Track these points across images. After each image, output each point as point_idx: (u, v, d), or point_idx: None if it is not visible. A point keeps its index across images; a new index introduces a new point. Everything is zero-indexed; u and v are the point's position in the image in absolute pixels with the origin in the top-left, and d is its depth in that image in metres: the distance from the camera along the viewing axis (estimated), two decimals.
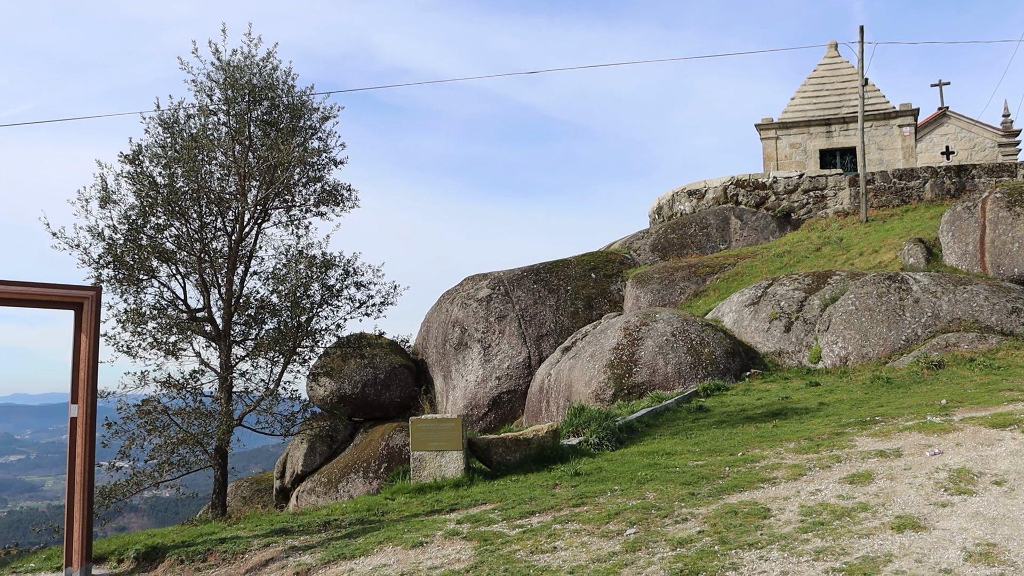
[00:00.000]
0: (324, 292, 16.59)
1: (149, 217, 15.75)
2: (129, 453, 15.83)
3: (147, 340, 15.94)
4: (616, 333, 19.31)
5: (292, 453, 23.81)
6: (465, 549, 8.06)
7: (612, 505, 8.89)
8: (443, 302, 26.60)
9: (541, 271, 26.51)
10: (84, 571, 9.70)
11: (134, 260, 15.51)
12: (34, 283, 9.76)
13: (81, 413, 9.78)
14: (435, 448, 11.93)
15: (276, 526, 10.87)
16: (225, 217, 16.52)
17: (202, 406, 15.98)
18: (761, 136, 35.75)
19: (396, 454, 21.58)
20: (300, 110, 16.78)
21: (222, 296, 16.19)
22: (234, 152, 16.30)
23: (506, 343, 24.43)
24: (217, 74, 16.60)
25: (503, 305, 25.13)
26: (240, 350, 16.39)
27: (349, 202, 17.35)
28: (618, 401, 17.47)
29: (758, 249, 27.17)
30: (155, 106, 16.56)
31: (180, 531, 12.06)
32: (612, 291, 26.38)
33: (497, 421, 23.33)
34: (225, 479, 16.20)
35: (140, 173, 15.89)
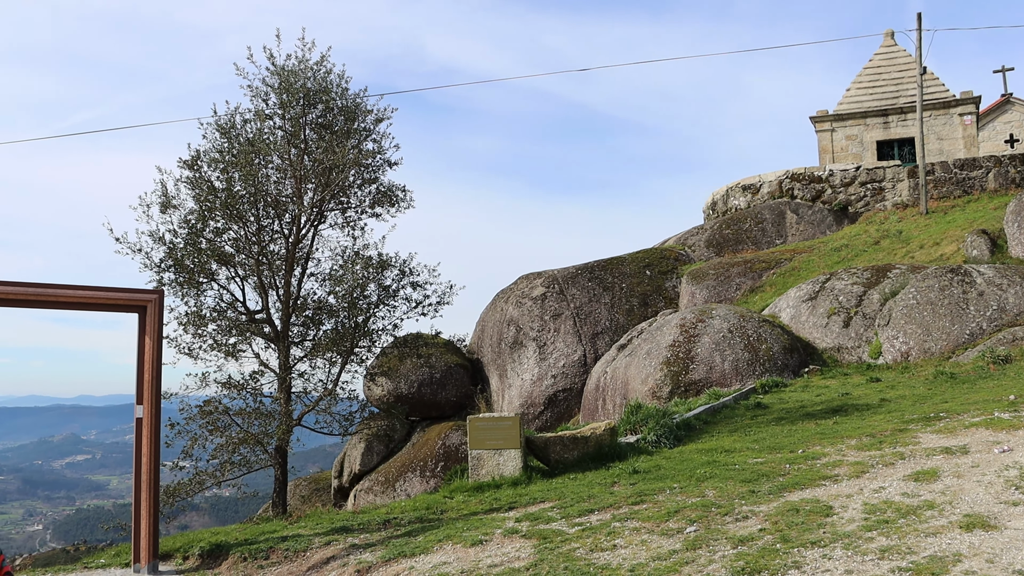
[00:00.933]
0: (380, 292, 16.74)
1: (208, 221, 16.04)
2: (192, 453, 16.14)
3: (207, 342, 16.24)
4: (672, 330, 19.19)
5: (350, 452, 24.03)
6: (524, 547, 8.07)
7: (671, 503, 8.84)
8: (498, 301, 26.64)
9: (595, 268, 26.44)
10: (151, 567, 9.90)
11: (194, 263, 15.80)
12: (100, 287, 9.97)
13: (146, 414, 9.97)
14: (493, 447, 11.96)
15: (336, 524, 10.99)
16: (282, 220, 16.75)
17: (262, 406, 16.23)
18: (816, 129, 35.25)
19: (453, 453, 21.66)
20: (354, 112, 16.94)
21: (280, 298, 16.42)
22: (290, 155, 16.51)
23: (561, 341, 24.40)
24: (272, 79, 16.84)
25: (558, 303, 25.11)
26: (298, 351, 16.61)
27: (404, 203, 17.49)
28: (675, 398, 17.36)
29: (815, 243, 26.81)
30: (212, 112, 16.87)
31: (242, 529, 12.25)
32: (667, 288, 26.21)
33: (553, 419, 23.32)
34: (285, 478, 16.42)
35: (199, 178, 16.19)
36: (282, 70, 16.63)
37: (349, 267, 16.36)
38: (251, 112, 16.73)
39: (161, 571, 10.07)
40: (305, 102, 16.68)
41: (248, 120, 16.64)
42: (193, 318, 15.92)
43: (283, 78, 16.56)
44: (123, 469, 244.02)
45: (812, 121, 35.32)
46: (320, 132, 16.70)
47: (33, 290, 9.63)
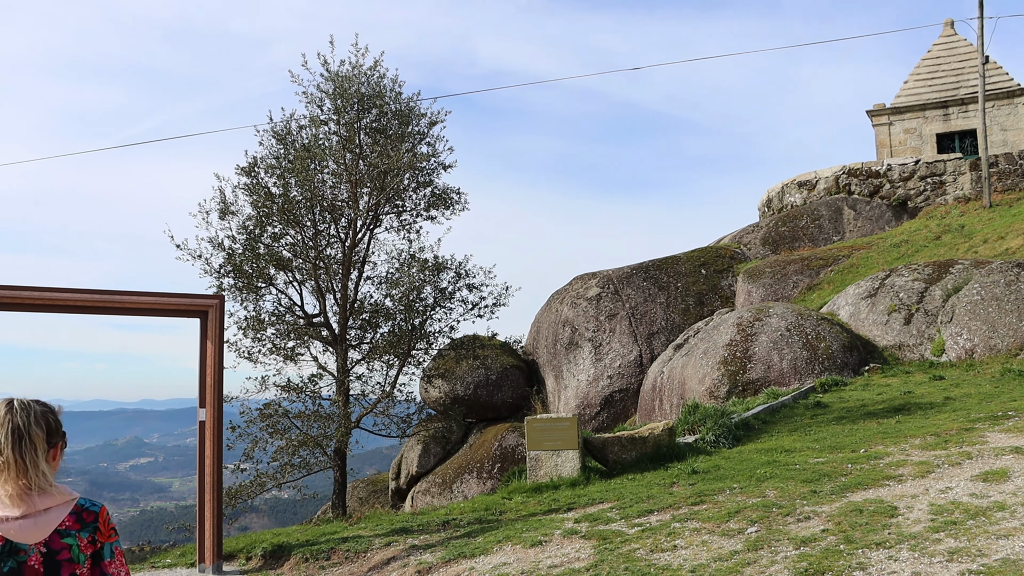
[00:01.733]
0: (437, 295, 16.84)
1: (266, 226, 16.27)
2: (252, 455, 16.38)
3: (266, 346, 16.48)
4: (729, 329, 19.02)
5: (407, 454, 24.20)
6: (584, 548, 8.06)
7: (731, 503, 8.76)
8: (553, 302, 26.63)
9: (650, 268, 26.31)
10: (216, 567, 10.06)
11: (252, 269, 16.04)
12: (163, 293, 10.17)
13: (209, 417, 10.14)
14: (551, 447, 11.97)
15: (396, 526, 11.07)
16: (338, 224, 16.93)
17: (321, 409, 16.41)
18: (873, 123, 34.68)
19: (509, 454, 21.70)
20: (408, 116, 17.07)
21: (337, 301, 16.60)
22: (345, 160, 16.69)
23: (617, 342, 24.31)
24: (327, 85, 17.03)
25: (613, 303, 25.03)
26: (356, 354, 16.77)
27: (459, 205, 17.57)
28: (732, 398, 17.20)
29: (873, 240, 26.38)
30: (268, 119, 17.12)
31: (303, 530, 12.40)
32: (723, 287, 25.99)
33: (609, 420, 23.24)
34: (344, 480, 16.58)
35: (256, 184, 16.43)
36: (336, 76, 16.81)
37: (405, 270, 16.49)
38: (306, 118, 16.93)
39: (225, 571, 10.23)
40: (359, 107, 16.83)
41: (303, 126, 16.84)
42: (252, 322, 16.16)
43: (337, 84, 16.74)
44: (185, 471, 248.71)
45: (869, 115, 34.77)
46: (375, 136, 16.85)
47: (99, 297, 9.86)
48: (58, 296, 9.74)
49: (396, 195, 16.88)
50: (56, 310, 9.84)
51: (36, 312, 9.86)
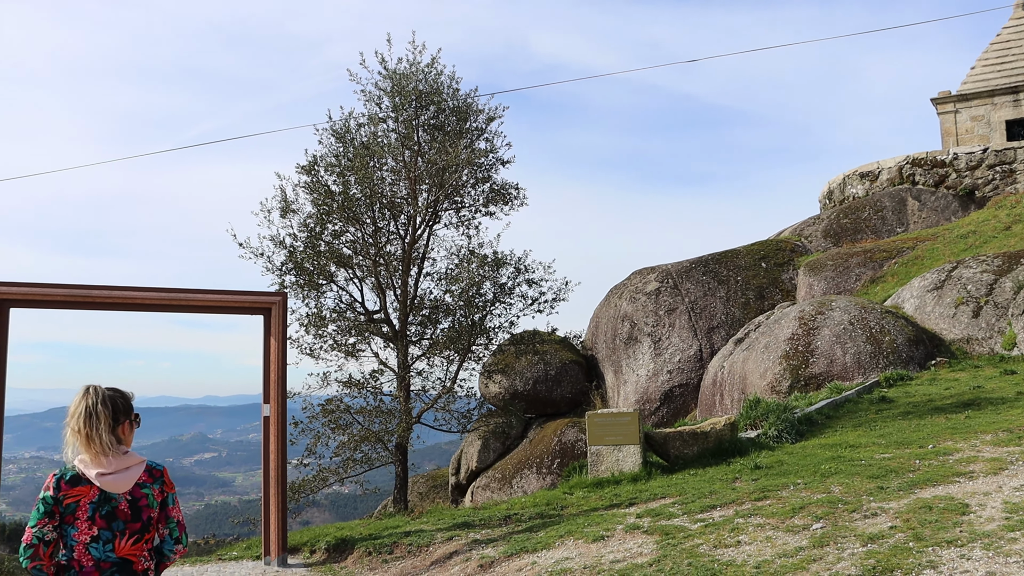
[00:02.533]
0: (496, 290, 16.87)
1: (326, 224, 16.44)
2: (315, 450, 16.59)
3: (328, 342, 16.66)
4: (790, 323, 18.79)
5: (466, 450, 24.32)
6: (647, 543, 8.03)
7: (796, 499, 8.66)
8: (611, 297, 26.54)
9: (709, 262, 26.08)
10: (281, 560, 10.23)
11: (314, 266, 16.23)
12: (228, 291, 10.36)
13: (273, 412, 10.30)
14: (612, 442, 11.94)
15: (458, 520, 11.14)
16: (397, 221, 17.05)
17: (382, 404, 16.55)
18: (938, 111, 33.90)
19: (569, 450, 21.69)
20: (465, 112, 17.12)
21: (397, 298, 16.72)
22: (404, 157, 16.79)
23: (676, 336, 24.15)
24: (384, 82, 17.15)
25: (672, 298, 24.86)
26: (416, 349, 16.88)
27: (517, 200, 17.58)
28: (794, 393, 17.00)
29: (939, 231, 25.82)
30: (327, 117, 17.29)
31: (366, 524, 12.54)
32: (784, 280, 25.66)
33: (669, 415, 23.11)
34: (406, 475, 16.72)
35: (316, 182, 16.61)
36: (394, 73, 16.92)
37: (464, 266, 16.54)
38: (364, 116, 17.07)
39: (290, 564, 10.39)
40: (417, 104, 16.92)
41: (362, 124, 16.98)
42: (314, 319, 16.35)
43: (395, 81, 16.84)
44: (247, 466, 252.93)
45: (933, 103, 33.99)
46: (433, 133, 16.93)
47: (168, 295, 10.07)
48: (129, 295, 9.97)
49: (455, 191, 16.94)
50: (127, 308, 10.07)
51: (108, 310, 10.11)
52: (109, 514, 4.19)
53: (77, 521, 4.17)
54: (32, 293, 9.74)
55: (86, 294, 9.90)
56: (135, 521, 4.24)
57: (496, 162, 17.32)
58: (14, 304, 9.76)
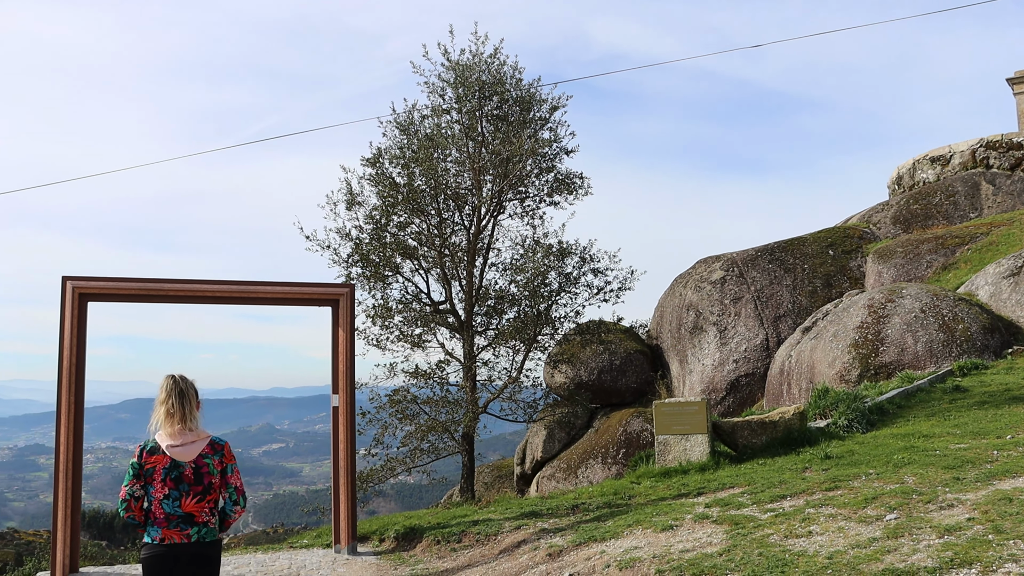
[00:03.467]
0: (561, 280, 16.88)
1: (391, 216, 16.59)
2: (382, 440, 16.78)
3: (394, 333, 16.83)
4: (859, 311, 18.47)
5: (531, 440, 24.37)
6: (716, 533, 7.98)
7: (868, 489, 8.54)
8: (676, 286, 26.35)
9: (775, 250, 25.74)
10: (351, 548, 10.37)
11: (379, 258, 16.39)
12: (297, 283, 10.53)
13: (342, 402, 10.44)
14: (679, 432, 11.89)
15: (525, 509, 11.19)
16: (462, 212, 17.14)
17: (449, 394, 16.67)
18: (1014, 91, 32.92)
19: (634, 439, 21.63)
20: (529, 103, 17.13)
21: (463, 288, 16.82)
22: (468, 148, 16.86)
23: (742, 325, 23.90)
24: (447, 74, 17.24)
25: (737, 287, 24.61)
26: (482, 339, 16.97)
27: (582, 189, 17.55)
28: (864, 382, 16.72)
29: (1015, 215, 25.13)
30: (391, 110, 17.44)
31: (434, 514, 12.64)
32: (852, 268, 25.23)
33: (735, 405, 22.90)
34: (472, 464, 16.83)
35: (381, 175, 16.77)
36: (457, 65, 16.98)
37: (529, 256, 16.57)
38: (428, 108, 17.19)
39: (360, 552, 10.53)
40: (480, 95, 16.97)
41: (426, 116, 17.09)
42: (380, 310, 16.53)
43: (458, 73, 16.91)
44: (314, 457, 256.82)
45: (1010, 83, 33.02)
46: (496, 124, 16.97)
47: (237, 288, 10.27)
48: (201, 288, 10.19)
49: (519, 181, 16.97)
50: (199, 301, 10.30)
51: (182, 303, 10.35)
52: (176, 478, 5.36)
53: (154, 482, 5.36)
54: (109, 287, 10.00)
55: (160, 287, 10.13)
56: (197, 484, 5.40)
57: (560, 151, 17.32)
58: (92, 298, 10.04)
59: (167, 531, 5.33)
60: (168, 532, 5.33)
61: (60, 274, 9.87)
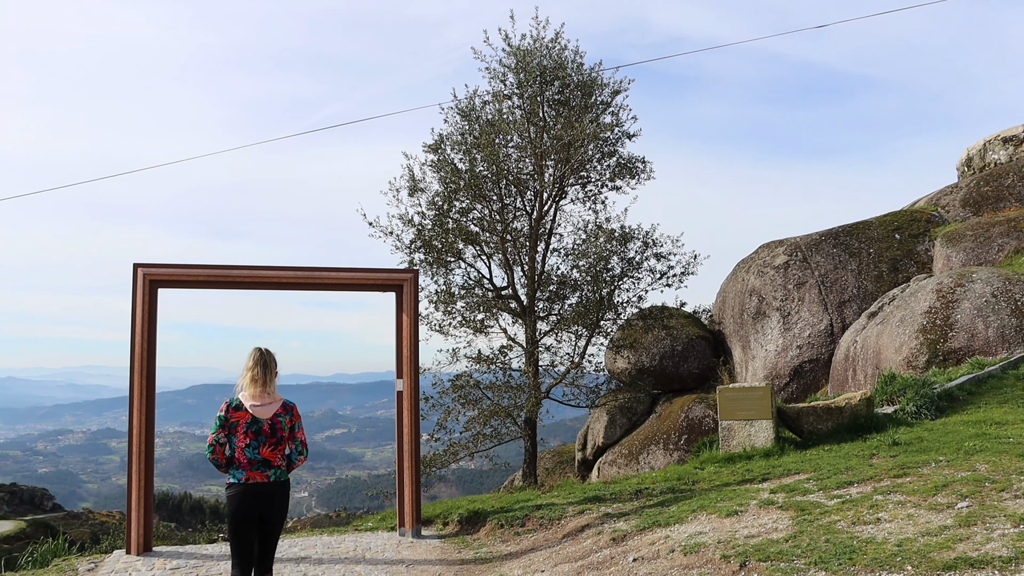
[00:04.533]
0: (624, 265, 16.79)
1: (453, 202, 16.66)
2: (445, 425, 16.90)
3: (457, 319, 16.92)
4: (927, 296, 18.10)
5: (592, 426, 24.34)
6: (782, 519, 7.93)
7: (938, 476, 8.40)
8: (738, 271, 26.07)
9: (840, 234, 25.32)
10: (415, 531, 10.49)
11: (442, 243, 16.48)
12: (362, 268, 10.65)
13: (406, 387, 10.55)
14: (744, 417, 11.80)
15: (588, 494, 11.20)
16: (524, 197, 17.13)
17: (511, 380, 16.72)
18: None
19: (696, 426, 21.48)
20: (590, 87, 17.04)
21: (525, 273, 16.84)
22: (529, 133, 16.84)
23: (806, 310, 23.58)
24: (509, 59, 17.22)
25: (801, 271, 24.26)
26: (544, 325, 16.97)
27: (644, 174, 17.43)
28: (932, 368, 16.39)
29: None
30: (452, 96, 17.47)
31: (497, 498, 12.72)
32: (919, 252, 24.71)
33: (799, 391, 22.61)
34: (535, 449, 16.88)
35: (443, 161, 16.84)
36: (518, 50, 16.95)
37: (592, 241, 16.52)
38: (489, 94, 17.20)
39: (424, 535, 10.65)
40: (542, 80, 16.93)
41: (487, 102, 17.11)
42: (443, 296, 16.62)
43: (519, 58, 16.89)
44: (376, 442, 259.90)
45: None
46: (558, 108, 16.92)
47: (303, 273, 10.42)
48: (268, 274, 10.36)
49: (581, 166, 16.91)
50: (266, 287, 10.47)
51: (248, 289, 10.53)
52: (256, 431, 6.73)
53: (237, 433, 6.72)
54: (178, 274, 10.22)
55: (227, 274, 10.32)
56: (272, 436, 6.78)
57: (622, 136, 17.22)
58: (162, 285, 10.27)
59: (250, 472, 6.68)
60: (251, 473, 6.67)
61: (131, 263, 10.12)
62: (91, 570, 9.33)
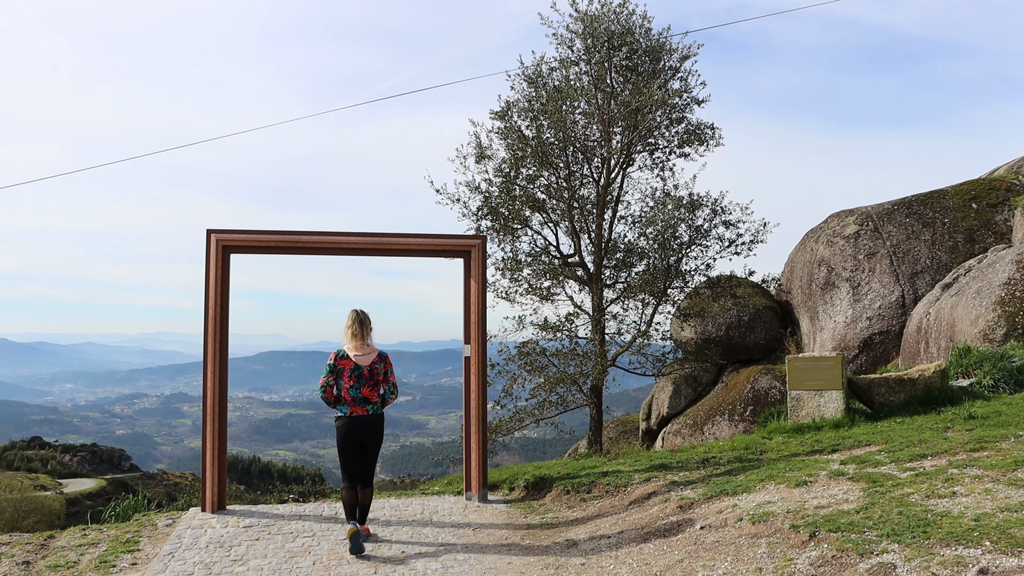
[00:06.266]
0: (692, 233, 16.61)
1: (520, 169, 16.60)
2: (511, 392, 16.95)
3: (523, 286, 16.92)
4: (1006, 267, 17.60)
5: (657, 395, 24.24)
6: (852, 490, 7.81)
7: (1018, 451, 8.19)
8: (807, 241, 25.63)
9: (913, 203, 24.70)
10: (481, 496, 10.56)
11: (508, 211, 16.45)
12: (430, 235, 10.68)
13: (474, 353, 10.59)
14: (813, 387, 11.64)
15: (655, 462, 11.17)
16: (591, 164, 17.01)
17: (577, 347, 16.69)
18: None
19: (762, 397, 21.27)
20: (658, 52, 16.80)
21: (592, 241, 16.75)
22: (596, 100, 16.69)
23: (876, 281, 23.11)
24: (576, 25, 17.05)
25: (872, 241, 23.76)
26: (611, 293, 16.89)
27: (713, 140, 17.18)
28: (1011, 341, 15.96)
29: None
30: (519, 63, 17.39)
31: (563, 464, 12.75)
32: (997, 222, 24.01)
33: (868, 364, 22.22)
34: (600, 417, 16.86)
35: (509, 128, 16.78)
36: (585, 16, 16.78)
37: (659, 208, 16.35)
38: (556, 60, 17.06)
39: (490, 500, 10.72)
40: (609, 45, 16.74)
41: (554, 68, 16.98)
42: (509, 263, 16.63)
43: (587, 24, 16.72)
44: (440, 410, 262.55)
45: None
46: (625, 74, 16.73)
47: (372, 239, 10.49)
48: (337, 239, 10.45)
49: (648, 133, 16.73)
50: (335, 252, 10.57)
51: (317, 255, 10.64)
52: (358, 375, 8.58)
53: (343, 377, 8.57)
54: (250, 239, 10.36)
55: (297, 239, 10.44)
56: (371, 379, 8.62)
57: (690, 102, 16.97)
58: (235, 250, 10.42)
59: (353, 407, 8.56)
60: (354, 408, 8.56)
61: (202, 231, 10.27)
62: (169, 525, 9.60)
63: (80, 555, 8.57)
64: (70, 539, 9.25)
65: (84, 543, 9.02)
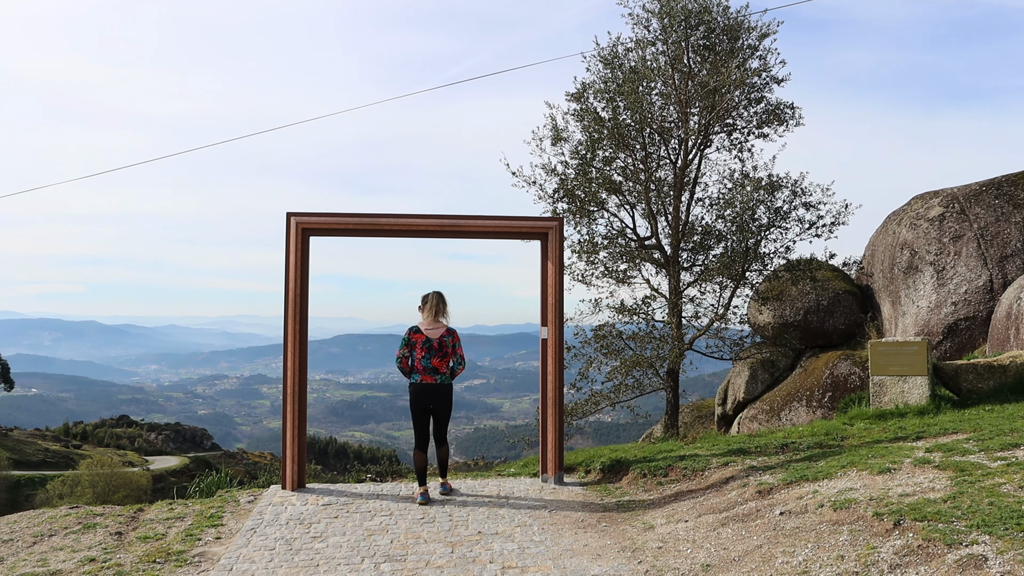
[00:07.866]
0: (771, 215, 16.33)
1: (596, 151, 16.49)
2: (587, 375, 16.91)
3: (599, 269, 16.84)
4: None
5: (733, 380, 23.95)
6: (939, 479, 7.61)
7: None
8: (889, 223, 25.01)
9: (1003, 184, 23.90)
10: (557, 478, 10.58)
11: (585, 193, 16.37)
12: (507, 216, 10.69)
13: (551, 335, 10.58)
14: (896, 373, 11.38)
15: (732, 447, 11.04)
16: (668, 145, 16.82)
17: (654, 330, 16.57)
18: None
19: (841, 383, 20.87)
20: (736, 31, 16.50)
21: (669, 223, 16.59)
22: (673, 80, 16.48)
23: (962, 265, 22.44)
24: (652, 4, 16.85)
25: (958, 224, 23.07)
26: (688, 276, 16.71)
27: (792, 120, 16.84)
28: None
29: None
30: (595, 44, 17.23)
31: (639, 448, 12.70)
32: None
33: (953, 350, 21.62)
34: (677, 401, 16.72)
35: (585, 110, 16.67)
36: None
37: (738, 190, 16.10)
38: (632, 40, 16.88)
39: (566, 482, 10.73)
40: (686, 25, 16.49)
41: (630, 49, 16.80)
42: (586, 246, 16.56)
43: (663, 3, 16.50)
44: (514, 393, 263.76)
45: None
46: (703, 54, 16.49)
47: (452, 221, 10.53)
48: (414, 222, 10.52)
49: (726, 113, 16.46)
50: (412, 234, 10.63)
51: (395, 237, 10.72)
52: (429, 348, 9.61)
53: (416, 349, 9.63)
54: (329, 222, 10.48)
55: (375, 222, 10.53)
56: (440, 351, 9.64)
57: (769, 81, 16.64)
58: (314, 233, 10.55)
59: (424, 376, 9.59)
60: (425, 377, 9.60)
61: (280, 215, 10.42)
62: (251, 502, 9.82)
63: (168, 528, 8.82)
64: (158, 512, 9.53)
65: (171, 516, 9.29)
